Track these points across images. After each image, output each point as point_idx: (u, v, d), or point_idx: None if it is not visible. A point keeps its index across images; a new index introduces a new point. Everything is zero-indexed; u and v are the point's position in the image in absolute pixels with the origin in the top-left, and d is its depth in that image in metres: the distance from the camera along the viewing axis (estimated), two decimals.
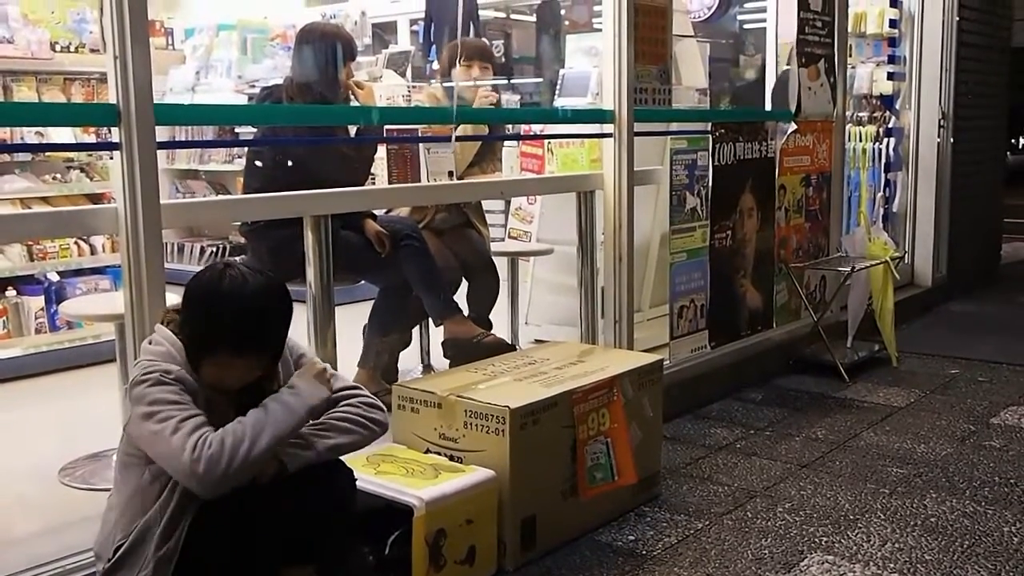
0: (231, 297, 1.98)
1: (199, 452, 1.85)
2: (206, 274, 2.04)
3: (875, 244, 4.90)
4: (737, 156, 4.32)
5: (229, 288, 1.99)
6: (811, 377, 4.55)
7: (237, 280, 1.99)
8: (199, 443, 1.86)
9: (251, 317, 2.00)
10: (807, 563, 2.63)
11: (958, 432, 3.76)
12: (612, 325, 3.80)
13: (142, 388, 1.93)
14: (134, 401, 1.94)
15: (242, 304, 1.98)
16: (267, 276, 2.06)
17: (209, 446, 1.86)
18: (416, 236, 3.60)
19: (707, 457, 3.49)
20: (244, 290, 1.99)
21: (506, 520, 2.58)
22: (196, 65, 6.66)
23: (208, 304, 2.00)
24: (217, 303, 1.99)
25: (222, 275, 2.00)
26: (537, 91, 8.38)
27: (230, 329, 1.98)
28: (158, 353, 2.00)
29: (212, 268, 2.05)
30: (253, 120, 3.70)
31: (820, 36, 4.87)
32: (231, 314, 1.98)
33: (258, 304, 2.01)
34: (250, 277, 2.01)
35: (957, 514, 2.95)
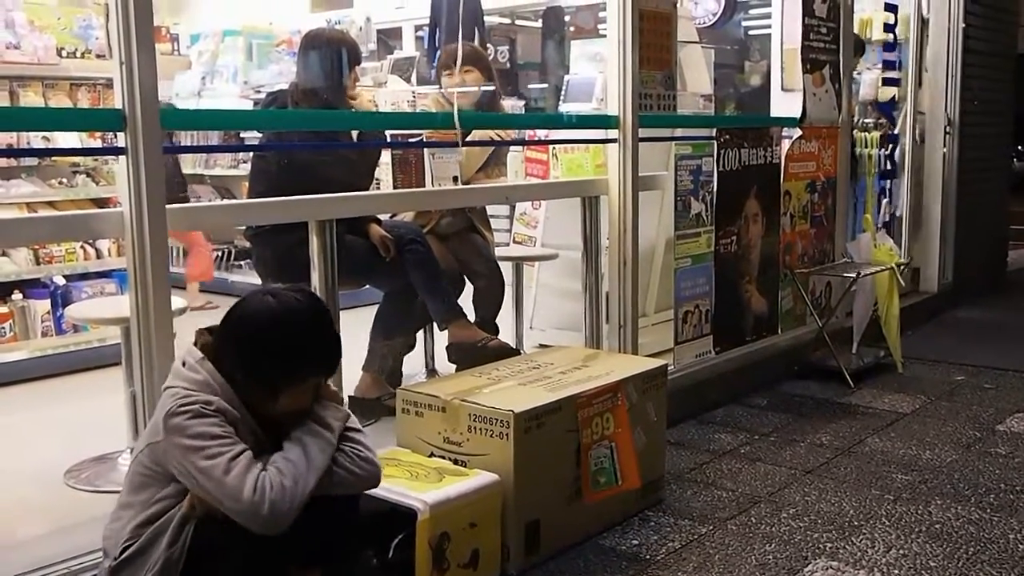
0: (305, 322, 2.03)
1: (261, 495, 1.87)
2: (261, 307, 2.02)
3: (881, 250, 4.89)
4: (742, 162, 4.33)
5: (297, 313, 2.03)
6: (816, 383, 4.54)
7: (295, 304, 2.04)
8: (259, 486, 1.88)
9: (330, 335, 2.09)
10: (811, 569, 2.62)
11: (963, 439, 3.75)
12: (616, 330, 3.80)
13: (181, 419, 1.91)
14: (172, 431, 1.92)
15: (319, 325, 2.06)
16: (308, 291, 2.13)
17: (271, 488, 1.88)
18: (420, 241, 3.61)
19: (711, 462, 3.48)
20: (310, 311, 2.05)
21: (510, 524, 2.58)
22: (202, 70, 6.70)
23: (286, 334, 2.00)
24: (297, 331, 2.01)
25: (279, 303, 2.02)
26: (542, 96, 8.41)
27: (319, 354, 2.05)
28: (195, 381, 1.99)
29: (259, 300, 2.04)
30: (258, 125, 3.71)
31: (825, 42, 4.87)
32: (315, 338, 2.04)
33: (326, 320, 2.10)
34: (301, 298, 2.06)
35: (962, 521, 2.94)
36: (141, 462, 2.03)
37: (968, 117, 6.45)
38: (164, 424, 1.93)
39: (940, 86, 6.23)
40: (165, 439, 1.94)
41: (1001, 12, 6.96)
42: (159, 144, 2.27)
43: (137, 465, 2.04)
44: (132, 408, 2.49)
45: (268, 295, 2.04)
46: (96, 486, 2.99)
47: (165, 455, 1.95)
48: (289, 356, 2.01)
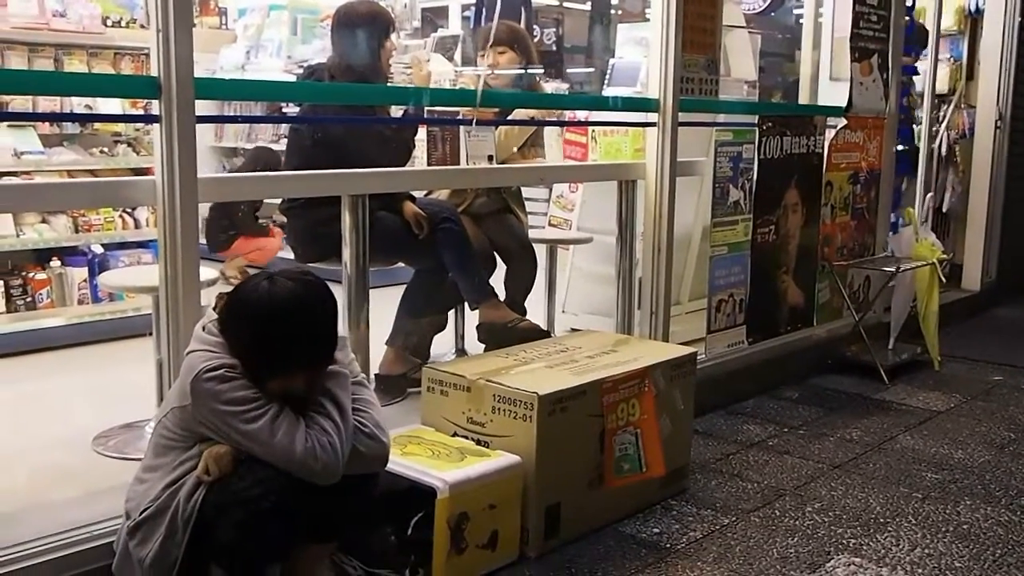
0: (291, 314, 1.98)
1: (312, 452, 1.93)
2: (252, 294, 2.00)
3: (922, 245, 4.80)
4: (784, 150, 4.26)
5: (284, 304, 1.97)
6: (850, 377, 4.48)
7: (286, 294, 1.97)
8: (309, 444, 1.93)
9: (316, 330, 2.02)
10: (833, 564, 2.59)
11: (997, 439, 3.68)
12: (648, 316, 3.77)
13: (213, 385, 1.94)
14: (204, 396, 1.94)
15: (306, 318, 1.99)
16: (308, 280, 2.04)
17: (319, 444, 1.94)
18: (454, 219, 3.60)
19: (738, 453, 3.45)
20: (298, 303, 1.98)
21: (530, 507, 2.58)
22: (247, 45, 6.73)
23: (271, 327, 1.97)
24: (280, 324, 1.97)
25: (270, 293, 1.97)
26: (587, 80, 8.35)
27: (301, 349, 2.00)
28: (216, 344, 2.01)
29: (253, 285, 2.01)
30: (292, 97, 3.72)
31: (875, 31, 4.78)
32: (299, 332, 1.99)
33: (320, 317, 2.03)
34: (296, 287, 1.99)
35: (991, 522, 2.89)
36: (165, 426, 2.06)
37: (1020, 112, 6.30)
38: (193, 388, 1.95)
39: (992, 80, 6.09)
40: (196, 404, 1.96)
41: None
42: (193, 113, 2.27)
43: (161, 429, 2.07)
44: (159, 376, 2.51)
45: (265, 280, 2.00)
46: (124, 453, 3.03)
47: (196, 419, 1.97)
48: (270, 349, 1.97)
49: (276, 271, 2.05)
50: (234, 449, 1.97)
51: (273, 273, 2.04)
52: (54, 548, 2.19)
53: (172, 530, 1.96)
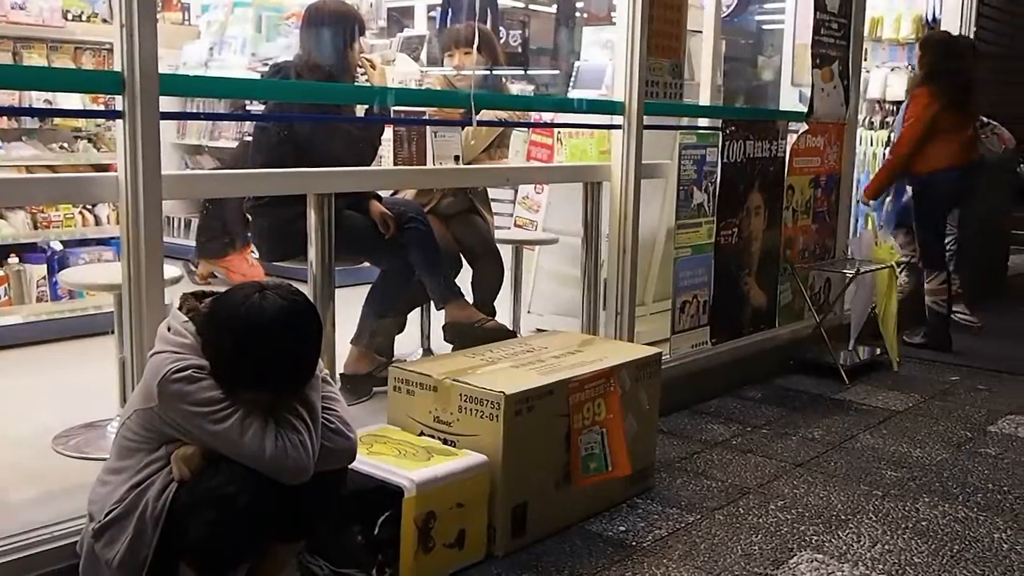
0: (280, 338, 1.93)
1: (282, 452, 1.92)
2: (235, 306, 1.95)
3: (881, 248, 4.87)
4: (747, 154, 4.31)
5: (274, 325, 1.93)
6: (811, 378, 4.54)
7: (269, 313, 1.93)
8: (279, 444, 1.93)
9: (302, 359, 2.00)
10: (796, 561, 2.62)
11: (955, 438, 3.75)
12: (613, 317, 3.79)
13: (180, 386, 1.92)
14: (171, 397, 1.92)
15: (285, 343, 1.95)
16: (298, 300, 2.00)
17: (290, 443, 1.93)
18: (421, 219, 3.59)
19: (702, 452, 3.48)
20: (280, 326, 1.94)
21: (497, 506, 2.58)
22: (210, 41, 6.66)
23: (255, 344, 1.93)
24: (266, 344, 1.93)
25: (262, 308, 1.93)
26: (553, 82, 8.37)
27: (282, 375, 1.97)
28: (182, 345, 1.98)
29: (239, 296, 1.96)
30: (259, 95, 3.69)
31: (836, 38, 4.85)
32: (283, 360, 1.95)
33: (305, 343, 2.00)
34: (289, 308, 1.96)
35: (948, 519, 2.94)
36: (129, 427, 2.03)
37: None
38: (159, 390, 1.93)
39: None
40: (163, 406, 1.94)
41: (1015, 16, 6.92)
42: (157, 109, 2.25)
43: (125, 431, 2.04)
44: (122, 375, 2.48)
45: (257, 293, 1.95)
46: (84, 453, 2.99)
47: (163, 421, 1.95)
48: (249, 365, 1.94)
49: (270, 284, 2.01)
50: (202, 448, 1.95)
51: (266, 287, 1.99)
52: (14, 549, 2.16)
53: (140, 530, 1.94)
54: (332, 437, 2.06)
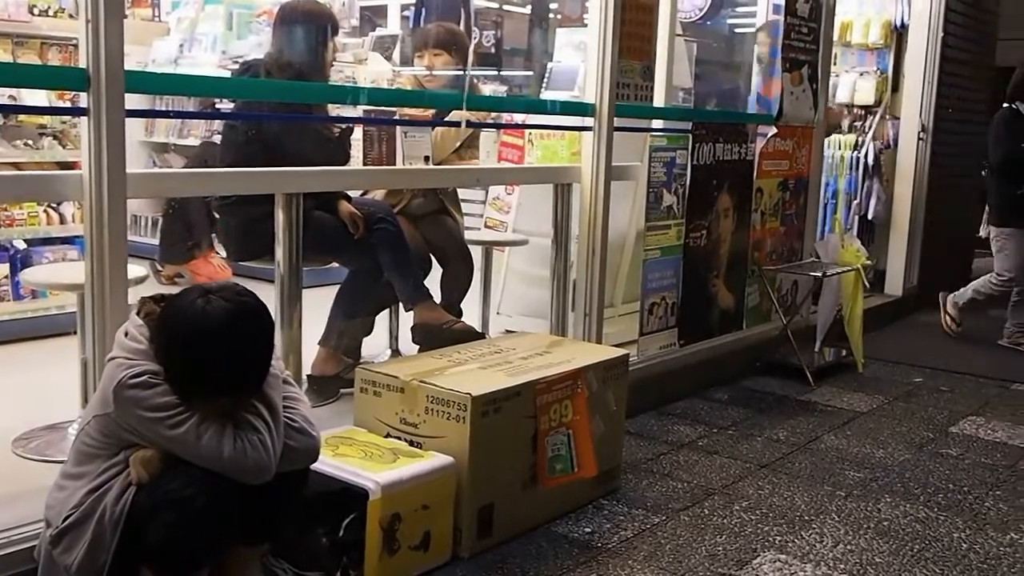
0: (226, 343, 1.91)
1: (242, 453, 1.92)
2: (183, 311, 1.93)
3: (848, 251, 4.93)
4: (716, 156, 4.34)
5: (219, 330, 1.90)
6: (777, 379, 4.58)
7: (218, 315, 1.90)
8: (237, 445, 1.92)
9: (251, 362, 1.97)
10: (759, 561, 2.65)
11: (917, 439, 3.80)
12: (582, 318, 3.81)
13: (136, 392, 1.90)
14: (127, 403, 1.91)
15: (242, 350, 1.94)
16: (246, 302, 1.97)
17: (249, 444, 1.93)
18: (391, 220, 3.58)
19: (669, 453, 3.50)
20: (228, 328, 1.91)
21: (463, 507, 2.58)
22: (180, 38, 6.60)
23: (200, 351, 1.90)
24: (212, 350, 1.90)
25: (206, 313, 1.90)
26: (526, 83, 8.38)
27: (231, 380, 1.94)
28: (138, 351, 1.96)
29: (187, 300, 1.94)
30: (227, 93, 3.66)
31: (805, 42, 4.89)
32: (231, 364, 1.93)
33: (254, 345, 1.98)
34: (235, 311, 1.93)
35: (909, 519, 2.99)
36: (88, 433, 2.01)
37: (942, 124, 6.50)
38: (115, 396, 1.91)
39: (916, 93, 6.28)
40: (120, 412, 1.92)
41: (981, 24, 7.02)
42: (123, 106, 2.23)
43: (83, 436, 2.02)
44: (83, 376, 2.45)
45: (200, 297, 1.93)
46: (45, 455, 2.95)
47: (121, 426, 1.94)
48: (196, 373, 1.91)
49: (215, 287, 1.98)
50: (162, 450, 1.94)
51: (210, 290, 1.96)
52: None
53: (99, 534, 1.92)
54: (295, 436, 2.05)
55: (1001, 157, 5.33)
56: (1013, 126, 5.27)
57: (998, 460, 3.59)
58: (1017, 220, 5.31)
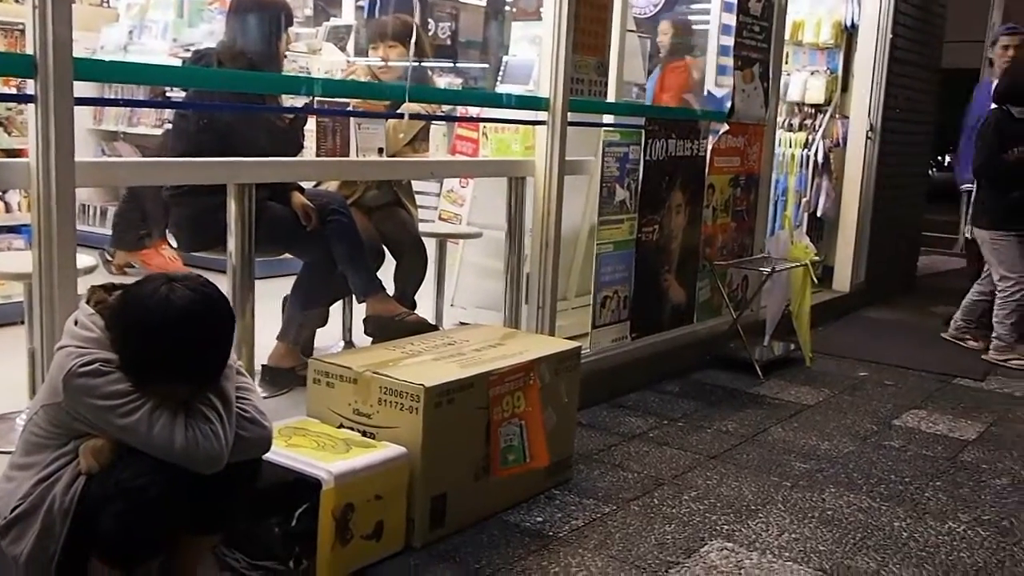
0: (189, 332, 1.90)
1: (193, 442, 1.91)
2: (146, 297, 1.92)
3: (797, 247, 5.01)
4: (669, 152, 4.38)
5: (182, 319, 1.89)
6: (727, 372, 4.65)
7: (187, 306, 1.90)
8: (188, 434, 1.91)
9: (212, 352, 1.97)
10: (707, 549, 2.70)
11: (861, 431, 3.89)
12: (535, 311, 3.83)
13: (86, 380, 1.88)
14: (78, 392, 1.89)
15: (204, 340, 1.94)
16: (208, 292, 1.97)
17: (201, 433, 1.92)
18: (344, 212, 3.58)
19: (620, 445, 3.55)
20: (199, 321, 1.92)
21: (416, 497, 2.60)
22: (130, 25, 6.50)
23: (162, 339, 1.89)
24: (174, 338, 1.90)
25: (169, 301, 1.89)
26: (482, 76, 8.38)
27: (192, 369, 1.94)
28: (89, 339, 1.94)
29: (150, 288, 1.93)
30: (180, 82, 3.63)
31: (757, 41, 4.96)
32: (192, 354, 1.92)
33: (215, 335, 1.97)
34: (198, 300, 1.93)
35: (853, 508, 3.06)
36: (36, 423, 1.99)
37: (890, 124, 6.63)
38: (65, 385, 1.89)
39: (864, 92, 6.39)
40: (70, 400, 1.90)
41: (928, 26, 7.17)
42: (71, 94, 2.21)
43: (32, 427, 2.00)
44: (31, 367, 2.42)
45: (164, 285, 1.92)
46: None
47: (71, 415, 1.92)
48: (157, 360, 1.91)
49: (177, 276, 1.97)
50: (112, 440, 1.93)
51: (173, 279, 1.95)
52: None
53: (48, 524, 1.90)
54: (247, 426, 2.05)
55: (987, 161, 5.16)
56: (1004, 129, 5.11)
57: (939, 452, 3.68)
58: (1011, 224, 5.12)
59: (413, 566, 2.52)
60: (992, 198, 5.21)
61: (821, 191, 6.32)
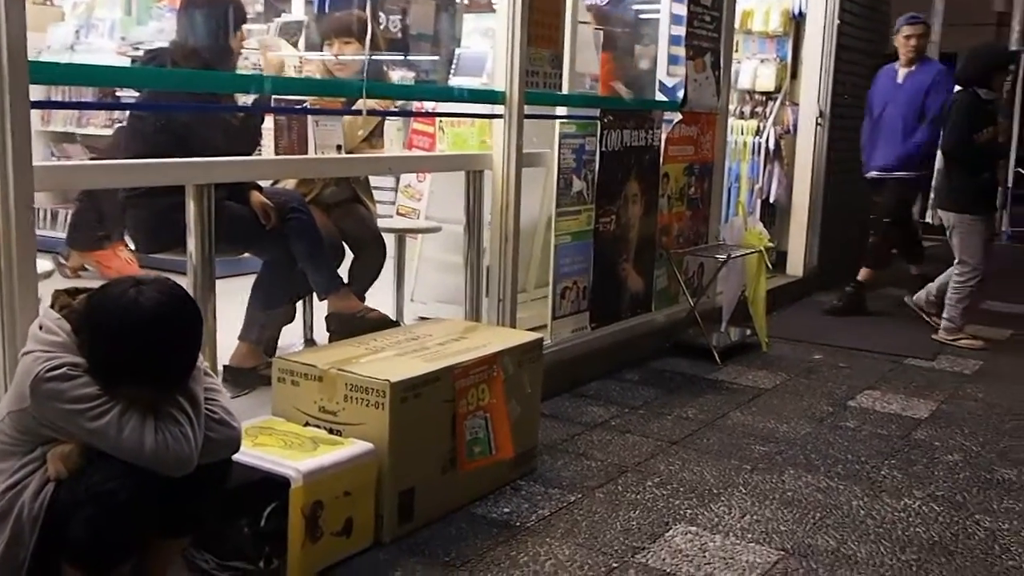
0: (157, 334, 1.91)
1: (164, 446, 1.91)
2: (115, 300, 1.92)
3: (751, 234, 5.09)
4: (624, 143, 4.43)
5: (151, 321, 1.90)
6: (686, 359, 4.72)
7: (156, 308, 1.91)
8: (158, 438, 1.91)
9: (180, 354, 1.97)
10: (672, 533, 2.75)
11: (818, 413, 3.98)
12: (496, 304, 3.86)
13: (54, 384, 1.87)
14: (46, 397, 1.88)
15: (172, 342, 1.95)
16: (177, 294, 1.98)
17: (171, 436, 1.92)
18: (303, 209, 3.58)
19: (583, 434, 3.59)
20: (168, 323, 1.92)
21: (384, 493, 2.62)
22: (76, 23, 6.41)
23: (131, 341, 1.90)
24: (143, 341, 1.90)
25: (138, 303, 1.90)
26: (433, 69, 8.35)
27: (160, 371, 1.94)
28: (54, 344, 1.93)
29: (119, 290, 1.93)
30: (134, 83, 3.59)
31: (708, 30, 5.02)
32: (160, 356, 1.93)
33: (184, 337, 1.98)
34: (167, 302, 1.93)
35: (811, 489, 3.14)
36: (2, 431, 1.98)
37: (839, 110, 6.75)
38: (32, 390, 1.88)
39: (813, 79, 6.50)
40: (38, 406, 1.90)
41: (874, 13, 7.30)
42: (27, 98, 2.19)
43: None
44: None
45: (133, 288, 1.93)
46: None
47: (38, 421, 1.91)
48: (126, 362, 1.91)
49: (145, 279, 1.97)
50: (81, 445, 1.92)
51: (141, 281, 1.95)
52: None
53: (17, 531, 1.90)
54: (216, 427, 2.05)
55: (959, 142, 5.16)
56: (974, 111, 5.12)
57: (893, 431, 3.78)
58: (978, 207, 5.18)
59: (383, 561, 2.55)
60: (961, 180, 5.21)
61: (773, 177, 6.42)
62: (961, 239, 5.22)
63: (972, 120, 5.11)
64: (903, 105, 5.85)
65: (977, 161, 5.17)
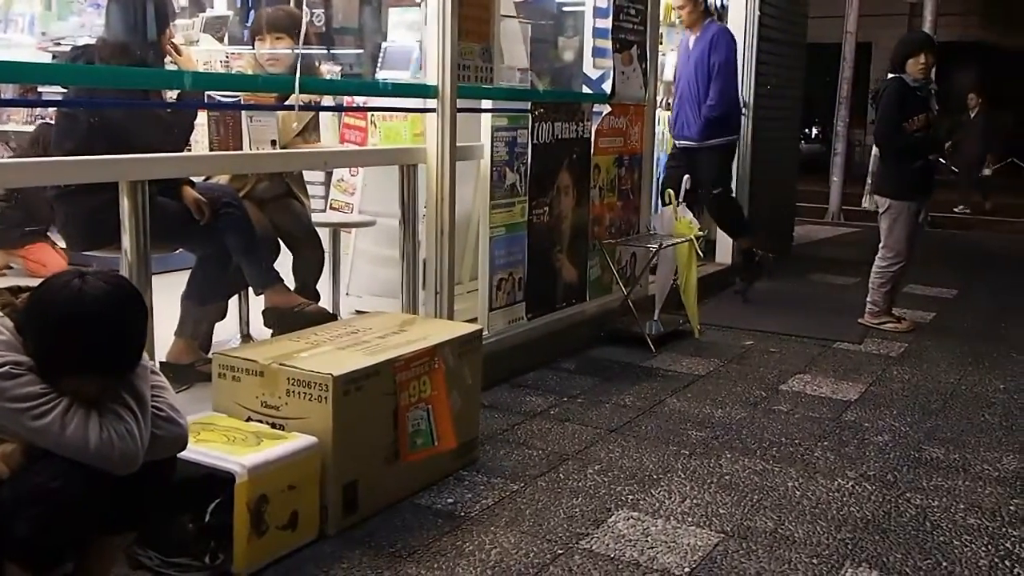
0: (102, 322, 1.90)
1: (108, 442, 1.89)
2: (58, 290, 1.91)
3: (681, 223, 5.19)
4: (555, 135, 4.48)
5: (96, 309, 1.89)
6: (621, 348, 4.79)
7: (100, 297, 1.90)
8: (103, 435, 1.89)
9: (126, 342, 1.96)
10: (614, 519, 2.81)
11: (751, 398, 4.08)
12: (433, 296, 3.88)
13: None
14: None
15: (117, 330, 1.93)
16: (121, 284, 1.99)
17: (116, 433, 1.90)
18: (236, 204, 3.55)
19: (523, 423, 3.63)
20: (112, 312, 1.92)
21: (328, 485, 2.62)
22: None
23: (75, 329, 1.89)
24: (87, 328, 1.89)
25: (82, 292, 1.89)
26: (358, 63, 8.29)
27: (106, 360, 1.93)
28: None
29: (68, 283, 1.92)
30: (59, 80, 3.51)
31: (634, 23, 5.10)
32: (105, 343, 1.91)
33: (129, 326, 1.97)
34: (111, 292, 1.93)
35: (748, 472, 3.22)
36: None
37: (761, 100, 6.91)
38: None
39: None
40: None
41: (794, 4, 7.48)
42: None
43: None
44: None
45: (77, 278, 1.92)
46: None
47: None
48: (69, 350, 1.90)
49: (89, 270, 1.96)
50: (24, 443, 1.89)
51: (86, 272, 1.95)
52: None
53: None
54: (162, 425, 2.04)
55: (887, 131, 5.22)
56: (901, 99, 5.14)
57: (824, 414, 3.90)
58: (910, 193, 5.23)
59: (329, 553, 2.55)
60: (895, 167, 5.28)
61: None
62: (888, 224, 5.32)
63: (900, 107, 5.13)
64: (692, 72, 5.88)
65: (911, 149, 5.19)
